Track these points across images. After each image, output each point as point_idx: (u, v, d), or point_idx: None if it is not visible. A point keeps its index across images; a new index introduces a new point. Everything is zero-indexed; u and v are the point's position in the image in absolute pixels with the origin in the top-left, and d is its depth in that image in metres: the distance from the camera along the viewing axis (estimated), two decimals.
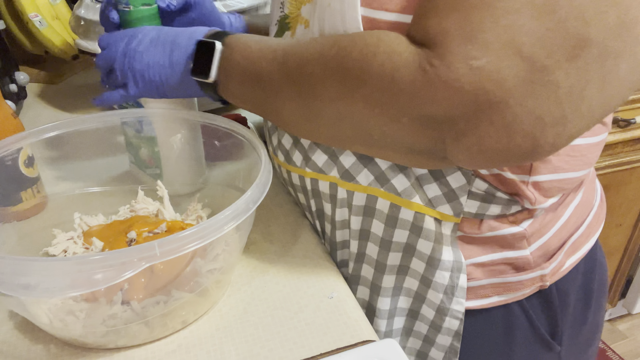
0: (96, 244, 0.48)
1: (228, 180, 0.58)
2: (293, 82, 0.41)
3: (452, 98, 0.33)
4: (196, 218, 0.53)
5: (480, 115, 0.33)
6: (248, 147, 0.50)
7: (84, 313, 0.39)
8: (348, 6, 0.39)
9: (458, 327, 0.49)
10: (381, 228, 0.48)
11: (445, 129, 0.35)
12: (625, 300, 1.68)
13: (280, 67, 0.42)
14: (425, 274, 0.48)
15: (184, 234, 0.36)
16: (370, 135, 0.40)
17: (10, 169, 0.51)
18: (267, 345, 0.42)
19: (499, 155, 0.35)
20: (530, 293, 0.49)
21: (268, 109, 0.46)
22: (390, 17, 0.37)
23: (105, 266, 0.34)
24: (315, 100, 0.40)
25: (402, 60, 0.34)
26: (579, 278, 0.52)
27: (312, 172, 0.50)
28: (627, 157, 1.31)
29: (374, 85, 0.36)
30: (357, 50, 0.36)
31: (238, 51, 0.45)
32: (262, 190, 0.42)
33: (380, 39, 0.36)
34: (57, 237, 0.50)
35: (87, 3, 0.75)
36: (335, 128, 0.41)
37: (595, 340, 0.58)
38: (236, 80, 0.46)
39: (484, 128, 0.33)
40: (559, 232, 0.49)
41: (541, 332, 0.50)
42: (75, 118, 0.53)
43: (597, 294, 0.55)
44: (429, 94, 0.33)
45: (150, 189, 0.55)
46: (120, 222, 0.52)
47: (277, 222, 0.56)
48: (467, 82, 0.32)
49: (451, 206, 0.44)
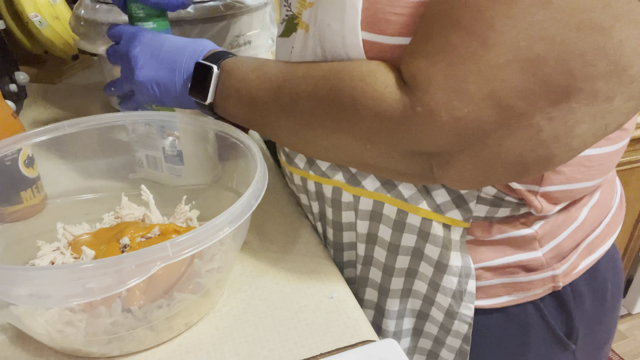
0: (87, 253, 0.46)
1: (219, 181, 0.58)
2: (288, 115, 0.43)
3: (434, 139, 0.35)
4: (185, 220, 0.52)
5: (460, 152, 0.36)
6: (242, 149, 0.49)
7: (84, 322, 0.38)
8: (349, 31, 0.39)
9: (467, 331, 0.49)
10: (389, 233, 0.48)
11: (431, 159, 0.38)
12: (625, 300, 1.68)
13: (276, 100, 0.43)
14: (433, 278, 0.48)
15: (198, 232, 0.35)
16: (364, 161, 0.42)
17: (10, 169, 0.51)
18: (267, 345, 0.42)
19: (482, 183, 0.38)
20: (543, 294, 0.48)
21: (265, 131, 0.48)
22: (391, 40, 0.38)
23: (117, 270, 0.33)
24: (309, 132, 0.42)
25: (388, 105, 0.36)
26: (595, 279, 0.51)
27: (315, 175, 0.50)
28: (627, 157, 1.31)
29: (364, 125, 0.38)
30: (347, 92, 0.38)
31: (235, 77, 0.47)
32: (262, 188, 0.42)
33: (368, 83, 0.37)
34: (42, 249, 0.48)
35: (87, 3, 0.75)
36: (331, 153, 0.44)
37: (609, 340, 0.58)
38: (233, 103, 0.48)
39: (465, 162, 0.36)
40: (573, 234, 0.48)
41: (556, 332, 0.50)
42: (77, 119, 0.53)
43: (612, 294, 0.54)
44: (414, 136, 0.36)
45: (135, 194, 0.54)
46: (107, 229, 0.50)
47: (277, 222, 0.56)
48: (448, 128, 0.34)
49: (460, 211, 0.44)
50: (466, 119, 0.33)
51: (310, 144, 0.44)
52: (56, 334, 0.39)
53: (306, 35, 0.44)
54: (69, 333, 0.39)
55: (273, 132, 0.46)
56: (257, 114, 0.46)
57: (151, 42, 0.51)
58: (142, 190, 0.53)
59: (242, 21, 0.72)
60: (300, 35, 0.45)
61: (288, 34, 0.48)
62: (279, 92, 0.43)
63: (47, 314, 0.38)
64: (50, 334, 0.39)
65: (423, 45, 0.34)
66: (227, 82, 0.47)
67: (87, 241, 0.48)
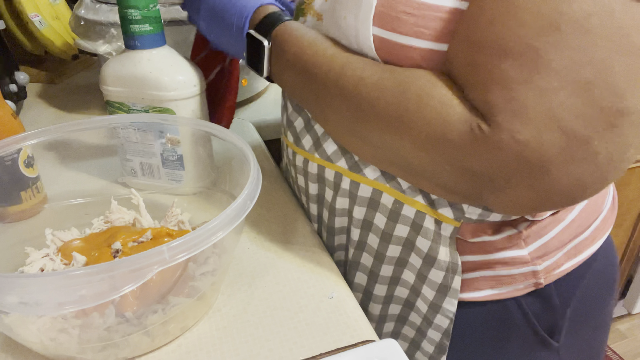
0: (77, 258, 0.45)
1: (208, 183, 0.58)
2: (346, 99, 0.41)
3: (495, 160, 0.35)
4: (177, 223, 0.51)
5: (520, 178, 0.35)
6: (235, 151, 0.48)
7: (78, 330, 0.38)
8: (361, 24, 0.39)
9: (448, 326, 0.49)
10: (383, 221, 0.48)
11: (484, 182, 0.37)
12: (625, 300, 1.68)
13: (337, 81, 0.42)
14: (421, 270, 0.49)
15: (195, 235, 0.35)
16: (410, 166, 0.41)
17: (10, 169, 0.51)
18: (267, 345, 0.42)
19: (535, 210, 0.38)
20: (525, 289, 0.49)
21: (316, 111, 0.46)
22: (401, 39, 0.38)
23: (116, 275, 0.33)
24: (364, 123, 0.41)
25: (454, 116, 0.36)
26: (584, 279, 0.51)
27: (320, 158, 0.50)
28: None
29: (424, 131, 0.37)
30: (414, 90, 0.37)
31: (290, 51, 0.45)
32: (256, 189, 0.41)
33: (436, 86, 0.37)
34: (31, 256, 0.46)
35: (87, 3, 0.75)
36: (378, 151, 0.43)
37: (598, 339, 0.58)
38: (288, 78, 0.47)
39: (522, 190, 0.36)
40: (560, 235, 0.49)
41: (538, 329, 0.50)
42: (78, 120, 0.53)
43: (602, 294, 0.54)
44: (474, 152, 0.35)
45: (125, 198, 0.53)
46: (97, 234, 0.49)
47: (277, 222, 0.56)
48: (510, 150, 0.34)
49: (453, 210, 0.44)
50: (529, 143, 0.33)
51: (359, 136, 0.42)
52: (49, 342, 0.38)
53: (319, 24, 0.45)
54: (62, 341, 0.38)
55: (324, 115, 0.45)
56: (312, 94, 0.44)
57: None
58: (132, 193, 0.52)
59: None
60: (311, 23, 0.45)
61: (296, 19, 0.49)
62: (342, 73, 0.41)
63: (39, 321, 0.37)
64: (43, 342, 0.38)
65: (472, 76, 0.35)
66: (281, 57, 0.46)
67: (78, 247, 0.47)
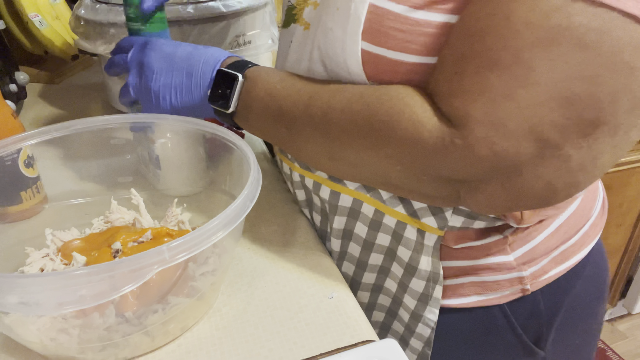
0: (77, 259, 0.44)
1: (211, 184, 0.57)
2: (317, 127, 0.42)
3: (470, 169, 0.36)
4: (177, 223, 0.51)
5: (493, 180, 0.36)
6: (234, 151, 0.48)
7: (78, 330, 0.38)
8: (350, 38, 0.39)
9: (429, 335, 0.49)
10: (365, 230, 0.49)
11: (460, 185, 0.38)
12: (625, 300, 1.68)
13: (305, 111, 0.42)
14: (402, 279, 0.49)
15: (195, 235, 0.35)
16: (389, 181, 0.41)
17: (10, 169, 0.51)
18: (267, 345, 0.42)
19: (510, 209, 0.38)
20: (511, 296, 0.48)
21: (288, 145, 0.46)
22: (390, 54, 0.38)
23: (117, 275, 0.33)
24: (338, 147, 0.41)
25: (426, 130, 0.36)
26: (572, 285, 0.51)
27: (299, 167, 0.50)
28: (627, 157, 1.31)
29: (398, 147, 0.37)
30: (383, 111, 0.37)
31: (260, 86, 0.45)
32: (256, 189, 0.41)
33: (407, 104, 0.37)
34: (31, 256, 0.46)
35: (87, 3, 0.75)
36: (356, 170, 0.43)
37: (587, 345, 0.58)
38: (256, 114, 0.46)
39: (495, 190, 0.36)
40: (546, 240, 0.48)
41: (523, 338, 0.50)
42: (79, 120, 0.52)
43: (592, 301, 0.54)
44: (449, 163, 0.36)
45: (125, 198, 0.53)
46: (97, 234, 0.49)
47: (275, 223, 0.56)
48: (486, 160, 0.34)
49: (436, 219, 0.44)
50: (505, 152, 0.34)
51: (337, 159, 0.43)
52: (49, 342, 0.38)
53: (305, 33, 0.44)
54: (62, 341, 0.38)
55: (298, 146, 0.45)
56: (283, 127, 0.45)
57: (164, 49, 0.51)
58: (131, 194, 0.51)
59: (242, 21, 0.72)
60: (299, 32, 0.45)
61: (287, 25, 0.48)
62: (310, 104, 0.42)
63: (39, 321, 0.37)
64: (43, 342, 0.38)
65: (457, 84, 0.35)
66: (252, 91, 0.46)
67: (78, 247, 0.47)
